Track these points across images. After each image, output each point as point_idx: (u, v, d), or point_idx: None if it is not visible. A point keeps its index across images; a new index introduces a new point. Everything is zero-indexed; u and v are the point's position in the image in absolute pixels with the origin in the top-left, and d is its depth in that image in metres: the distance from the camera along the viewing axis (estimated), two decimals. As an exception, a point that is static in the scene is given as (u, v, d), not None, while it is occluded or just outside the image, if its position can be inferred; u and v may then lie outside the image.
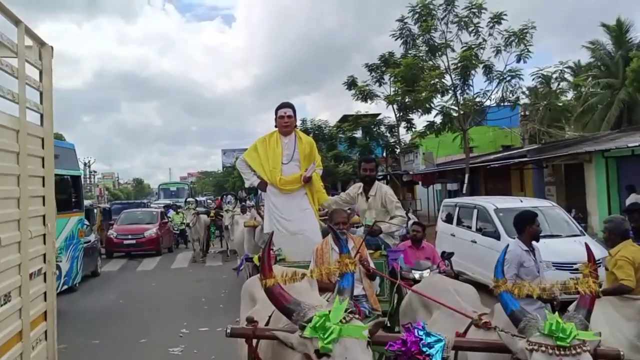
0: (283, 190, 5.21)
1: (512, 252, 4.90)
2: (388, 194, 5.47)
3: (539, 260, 5.06)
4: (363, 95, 22.40)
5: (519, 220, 5.10)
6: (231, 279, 12.21)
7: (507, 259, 4.90)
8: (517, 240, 5.08)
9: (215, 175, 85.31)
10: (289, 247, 5.05)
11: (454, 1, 16.91)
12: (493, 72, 16.71)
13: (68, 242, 9.76)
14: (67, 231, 9.77)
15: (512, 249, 4.97)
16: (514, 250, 4.93)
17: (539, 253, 5.10)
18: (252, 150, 5.48)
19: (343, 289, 2.38)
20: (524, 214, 5.27)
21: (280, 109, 5.37)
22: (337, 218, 4.50)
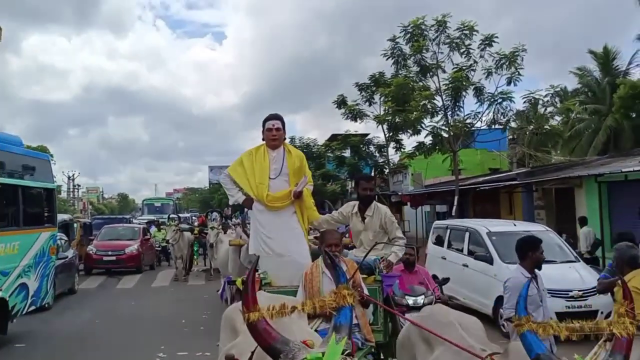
0: (270, 207, 4.78)
1: (513, 280, 4.59)
2: (388, 215, 5.09)
3: (542, 289, 4.74)
4: (353, 115, 22.24)
5: (521, 246, 4.77)
6: (213, 300, 11.77)
7: (508, 287, 4.63)
8: (518, 267, 4.75)
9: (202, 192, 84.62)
10: (275, 270, 4.63)
11: (446, 22, 16.84)
12: (484, 94, 16.59)
13: (37, 260, 9.14)
14: (37, 248, 9.15)
15: (514, 276, 4.67)
16: (515, 278, 4.60)
17: (542, 281, 4.79)
18: (238, 165, 5.05)
19: (340, 326, 2.04)
20: (527, 239, 4.95)
21: (268, 120, 4.98)
22: (329, 239, 4.14)
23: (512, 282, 4.57)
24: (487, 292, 8.86)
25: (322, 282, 4.05)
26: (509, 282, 4.63)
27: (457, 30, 16.78)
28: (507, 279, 4.69)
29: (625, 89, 26.81)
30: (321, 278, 4.08)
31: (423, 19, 17.14)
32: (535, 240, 4.77)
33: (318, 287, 4.02)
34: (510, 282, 4.61)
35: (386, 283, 4.67)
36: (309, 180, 5.03)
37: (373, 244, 4.63)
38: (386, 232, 5.03)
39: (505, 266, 8.66)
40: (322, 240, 4.21)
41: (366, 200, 5.13)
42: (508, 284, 4.62)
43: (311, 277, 4.11)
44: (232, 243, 8.80)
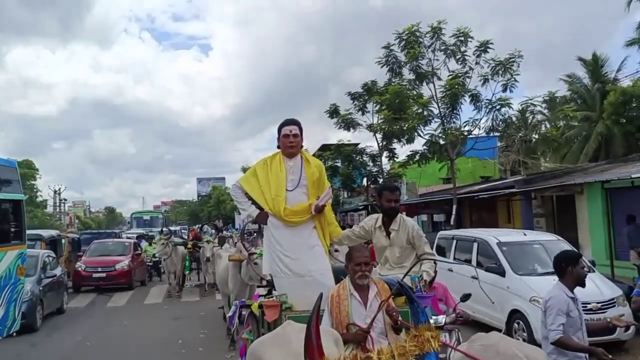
0: (288, 222, 4.34)
1: (557, 298, 4.17)
2: (415, 229, 4.66)
3: (581, 310, 4.34)
4: (346, 124, 21.98)
5: (560, 261, 4.37)
6: (211, 317, 11.31)
7: (551, 306, 4.18)
8: (559, 284, 4.32)
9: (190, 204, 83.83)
10: (294, 293, 4.19)
11: (441, 29, 16.62)
12: (481, 101, 16.36)
13: (2, 283, 8.19)
14: (1, 269, 8.18)
15: (556, 294, 4.23)
16: (559, 296, 4.18)
17: (580, 304, 4.37)
18: (250, 176, 4.62)
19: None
20: (565, 253, 4.55)
21: (284, 126, 4.55)
22: (358, 257, 3.71)
23: (555, 301, 4.16)
24: (499, 305, 8.49)
25: (350, 306, 3.65)
26: (551, 302, 4.20)
27: (452, 37, 16.58)
28: (549, 298, 4.25)
29: (616, 95, 26.85)
30: (349, 301, 3.67)
31: (418, 26, 16.92)
32: (574, 254, 4.38)
33: (347, 312, 3.61)
34: (552, 302, 4.19)
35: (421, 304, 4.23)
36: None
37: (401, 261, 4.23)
38: (414, 247, 4.61)
39: (518, 278, 8.32)
40: (349, 259, 3.79)
41: (391, 212, 4.67)
42: (550, 303, 4.19)
43: (338, 300, 3.69)
44: (232, 258, 8.33)
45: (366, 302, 3.66)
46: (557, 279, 7.96)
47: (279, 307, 4.02)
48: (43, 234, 16.46)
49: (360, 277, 3.65)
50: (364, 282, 3.67)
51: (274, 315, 3.95)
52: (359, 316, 3.59)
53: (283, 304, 4.07)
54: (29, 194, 52.49)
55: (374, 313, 3.46)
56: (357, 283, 3.68)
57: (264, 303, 4.09)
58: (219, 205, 57.61)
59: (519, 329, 8.11)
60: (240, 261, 8.14)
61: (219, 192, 60.52)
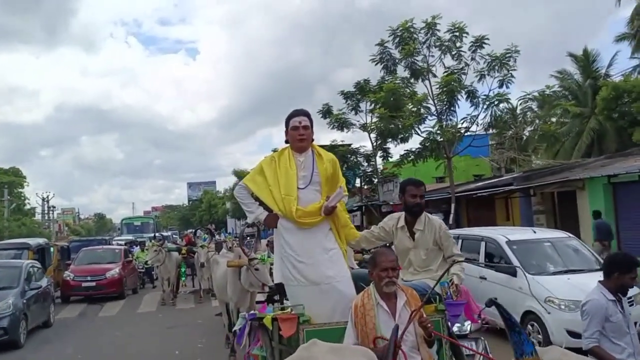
0: (300, 224, 3.89)
1: (594, 303, 3.80)
2: (443, 228, 4.24)
3: (628, 313, 3.95)
4: (339, 124, 21.66)
5: (610, 263, 3.97)
6: (208, 325, 10.86)
7: (587, 312, 3.81)
8: (599, 286, 3.92)
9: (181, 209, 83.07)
10: (310, 303, 3.75)
11: (436, 24, 16.30)
12: (478, 97, 16.07)
13: None
14: None
15: (594, 297, 3.84)
16: (597, 300, 3.80)
17: (627, 304, 3.98)
18: (257, 174, 4.15)
19: None
20: (619, 256, 4.11)
21: (293, 117, 4.10)
22: (383, 262, 3.30)
23: (592, 305, 3.79)
24: (511, 307, 8.01)
25: (377, 317, 3.24)
26: (587, 306, 3.83)
27: (447, 32, 16.27)
28: (586, 302, 3.87)
29: (608, 91, 26.74)
30: (376, 312, 3.25)
31: (412, 22, 16.61)
32: (628, 261, 3.89)
33: (373, 324, 3.20)
34: (589, 306, 3.82)
35: (452, 313, 3.80)
36: (344, 191, 4.13)
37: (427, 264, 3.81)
38: (440, 249, 4.20)
39: (531, 277, 7.95)
40: (374, 264, 3.39)
41: (416, 210, 4.23)
42: (587, 308, 3.83)
43: (363, 310, 3.27)
44: (231, 264, 7.87)
45: (394, 312, 3.27)
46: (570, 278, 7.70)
47: (296, 320, 3.57)
48: (30, 243, 15.93)
49: (387, 284, 3.26)
50: (391, 290, 3.28)
51: (290, 329, 3.52)
52: (388, 328, 3.19)
53: (300, 317, 3.62)
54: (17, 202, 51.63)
55: (404, 324, 3.08)
56: (383, 291, 3.29)
57: (279, 316, 3.64)
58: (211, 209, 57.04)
59: (534, 331, 7.75)
60: (240, 267, 7.72)
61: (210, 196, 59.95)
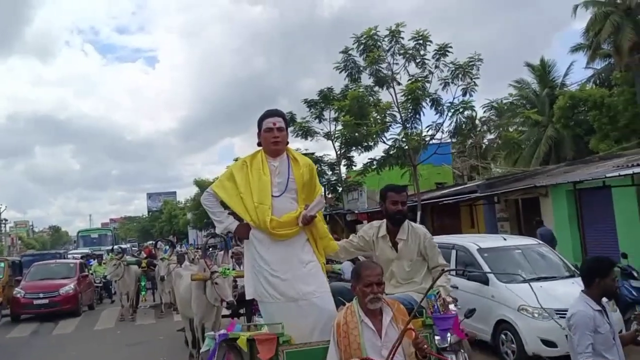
0: (275, 236, 3.58)
1: (581, 314, 3.52)
2: (428, 237, 4.02)
3: (614, 323, 3.73)
4: (303, 132, 21.46)
5: (589, 270, 3.73)
6: (170, 341, 10.37)
7: (575, 325, 3.54)
8: (582, 296, 3.66)
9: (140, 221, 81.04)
10: (288, 321, 3.42)
11: (400, 32, 16.30)
12: (442, 105, 16.11)
13: None
14: None
15: (580, 309, 3.56)
16: (582, 312, 3.53)
17: (610, 312, 3.76)
18: (226, 179, 3.80)
19: None
20: (595, 262, 3.86)
21: (266, 118, 3.76)
22: (368, 276, 3.04)
23: (578, 319, 3.52)
24: (484, 316, 7.95)
25: (362, 336, 2.97)
26: (575, 318, 3.55)
27: (411, 40, 16.28)
28: (572, 314, 3.60)
29: (565, 100, 27.44)
30: (361, 329, 2.99)
31: (376, 30, 16.57)
32: (604, 265, 3.69)
33: (358, 343, 2.94)
34: (576, 319, 3.54)
35: (441, 327, 3.54)
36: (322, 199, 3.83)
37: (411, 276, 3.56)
38: (425, 259, 3.97)
39: (504, 286, 7.84)
40: (357, 278, 3.12)
41: (397, 218, 4.01)
42: (574, 321, 3.54)
43: (346, 328, 3.00)
44: (195, 278, 7.47)
45: (380, 330, 3.01)
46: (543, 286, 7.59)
47: (276, 340, 3.24)
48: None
49: (372, 300, 3.01)
50: (376, 307, 3.03)
51: (269, 352, 3.18)
52: (374, 348, 2.95)
53: (280, 337, 3.28)
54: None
55: (391, 343, 2.83)
56: (368, 307, 3.03)
57: (257, 337, 3.30)
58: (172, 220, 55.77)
59: (507, 340, 7.63)
60: (204, 280, 7.35)
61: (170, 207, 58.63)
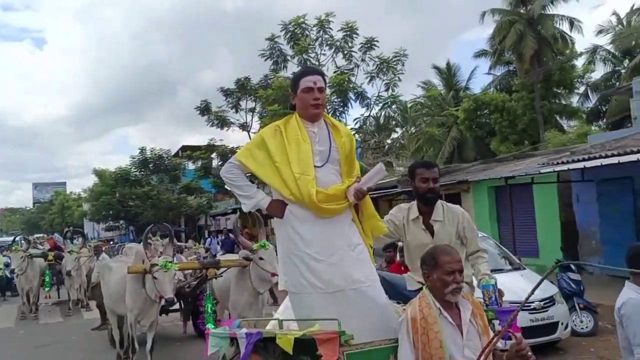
0: (322, 212, 2.97)
1: (633, 302, 3.22)
2: (466, 217, 3.62)
3: None
4: (219, 122, 20.72)
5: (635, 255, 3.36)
6: (86, 342, 9.39)
7: (626, 315, 3.24)
8: (630, 285, 3.36)
9: (24, 212, 74.67)
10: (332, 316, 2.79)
11: (329, 21, 16.11)
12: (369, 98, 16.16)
13: None
14: None
15: (631, 297, 3.27)
16: (635, 300, 3.23)
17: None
18: (255, 147, 3.14)
19: None
20: None
21: (305, 76, 3.16)
22: (448, 264, 2.61)
23: (631, 306, 3.23)
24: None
25: (443, 332, 2.52)
26: (626, 308, 3.26)
27: (340, 31, 16.16)
28: (622, 304, 3.32)
29: (469, 103, 28.75)
30: (441, 326, 2.54)
31: (304, 18, 16.26)
32: None
33: (440, 341, 2.49)
34: (629, 307, 3.24)
35: (502, 321, 3.10)
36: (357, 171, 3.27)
37: None
38: (463, 243, 3.63)
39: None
40: (434, 264, 2.66)
41: (429, 197, 3.58)
42: (626, 311, 3.25)
43: (425, 323, 2.53)
44: (133, 270, 6.64)
45: (460, 325, 2.60)
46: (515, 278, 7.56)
47: (338, 340, 2.59)
48: None
49: (454, 291, 2.59)
50: (457, 298, 2.63)
51: (332, 354, 2.55)
52: (456, 347, 2.53)
53: (341, 336, 2.64)
54: None
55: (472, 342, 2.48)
56: (446, 299, 2.61)
57: (317, 336, 2.62)
58: (63, 212, 51.82)
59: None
60: (145, 273, 6.59)
61: (62, 198, 54.47)
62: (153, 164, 28.76)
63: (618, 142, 11.86)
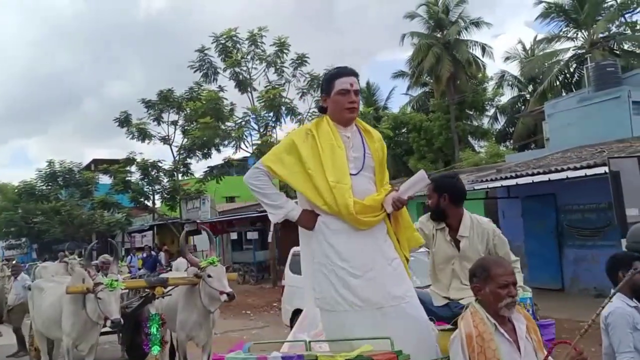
0: (359, 224, 2.77)
1: (619, 311, 3.26)
2: (497, 233, 3.39)
3: None
4: (140, 134, 19.94)
5: (612, 266, 3.47)
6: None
7: (613, 324, 3.28)
8: (617, 294, 3.27)
9: None
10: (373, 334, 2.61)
11: (262, 35, 16.01)
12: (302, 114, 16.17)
13: None
14: None
15: (617, 306, 3.28)
16: (621, 308, 3.27)
17: None
18: (285, 152, 2.89)
19: None
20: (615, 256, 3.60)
21: (340, 76, 2.88)
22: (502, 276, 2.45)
23: (617, 315, 3.27)
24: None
25: (500, 349, 2.37)
26: (611, 318, 3.28)
27: (272, 45, 16.11)
28: (609, 313, 3.31)
29: (388, 121, 29.65)
30: (498, 344, 2.38)
31: (236, 31, 16.05)
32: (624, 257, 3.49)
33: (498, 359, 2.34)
34: (614, 318, 3.27)
35: (546, 337, 2.99)
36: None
37: None
38: None
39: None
40: (487, 277, 2.48)
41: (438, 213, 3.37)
42: (612, 320, 3.28)
43: (481, 341, 2.37)
44: (72, 290, 6.06)
45: (516, 341, 2.46)
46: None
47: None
48: None
49: (509, 305, 2.44)
50: (512, 313, 2.48)
51: None
52: None
53: (399, 356, 2.43)
54: None
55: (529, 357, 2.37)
56: (500, 314, 2.46)
57: (375, 356, 2.41)
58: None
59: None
60: (86, 293, 6.05)
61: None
62: (62, 177, 27.09)
63: (540, 160, 12.59)
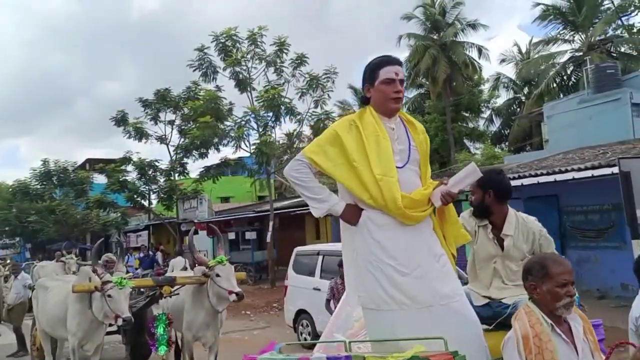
0: (406, 219, 2.65)
1: None
2: (544, 233, 3.24)
3: None
4: (137, 133, 19.82)
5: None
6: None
7: None
8: None
9: None
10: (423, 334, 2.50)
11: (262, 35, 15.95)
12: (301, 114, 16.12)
13: None
14: None
15: None
16: None
17: None
18: (328, 143, 2.75)
19: None
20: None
21: (385, 65, 2.75)
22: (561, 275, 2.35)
23: None
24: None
25: (557, 351, 2.28)
26: None
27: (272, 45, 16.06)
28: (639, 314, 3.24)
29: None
30: (556, 345, 2.29)
31: (236, 30, 15.99)
32: None
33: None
34: None
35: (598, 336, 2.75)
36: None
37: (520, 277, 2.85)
38: None
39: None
40: (545, 275, 2.37)
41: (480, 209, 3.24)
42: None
43: (539, 342, 2.28)
44: (78, 289, 5.98)
45: (574, 342, 2.38)
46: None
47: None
48: None
49: (567, 305, 2.36)
50: (570, 313, 2.40)
51: None
52: None
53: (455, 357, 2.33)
54: None
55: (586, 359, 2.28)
56: (557, 314, 2.37)
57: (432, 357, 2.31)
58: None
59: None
60: (91, 291, 5.96)
61: None
62: (57, 176, 26.89)
63: (541, 162, 12.59)
